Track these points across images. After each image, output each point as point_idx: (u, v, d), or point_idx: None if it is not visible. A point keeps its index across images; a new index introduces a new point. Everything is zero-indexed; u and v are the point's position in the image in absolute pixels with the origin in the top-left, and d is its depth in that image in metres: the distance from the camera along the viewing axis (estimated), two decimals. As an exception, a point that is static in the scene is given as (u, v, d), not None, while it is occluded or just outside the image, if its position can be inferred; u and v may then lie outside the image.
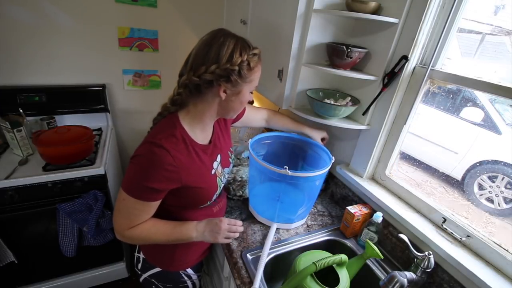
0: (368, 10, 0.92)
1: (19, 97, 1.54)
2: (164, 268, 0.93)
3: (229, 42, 0.69)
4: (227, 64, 0.68)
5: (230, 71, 0.68)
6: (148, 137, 0.73)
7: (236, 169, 1.25)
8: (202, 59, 0.69)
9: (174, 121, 0.75)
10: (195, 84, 0.70)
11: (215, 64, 0.68)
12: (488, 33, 1.01)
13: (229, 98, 0.74)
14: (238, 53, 0.69)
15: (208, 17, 1.89)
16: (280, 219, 1.06)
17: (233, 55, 0.68)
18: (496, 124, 1.39)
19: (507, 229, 0.85)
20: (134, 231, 0.75)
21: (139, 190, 0.70)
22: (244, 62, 0.69)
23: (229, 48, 0.68)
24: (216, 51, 0.68)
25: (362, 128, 1.08)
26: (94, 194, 1.38)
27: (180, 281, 0.97)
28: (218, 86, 0.71)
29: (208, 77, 0.68)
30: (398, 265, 0.98)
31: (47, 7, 1.50)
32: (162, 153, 0.68)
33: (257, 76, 0.77)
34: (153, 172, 0.68)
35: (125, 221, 0.74)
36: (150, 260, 0.93)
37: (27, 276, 1.51)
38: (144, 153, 0.69)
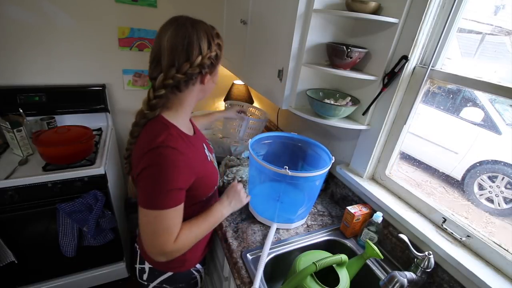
0: (368, 10, 0.92)
1: (19, 97, 1.54)
2: (176, 270, 0.91)
3: (202, 30, 0.70)
4: (208, 51, 0.69)
5: (211, 58, 0.70)
6: (145, 146, 0.68)
7: (236, 169, 1.25)
8: (184, 54, 0.67)
9: (162, 122, 0.72)
10: (180, 81, 0.69)
11: (199, 56, 0.68)
12: (488, 33, 1.01)
13: (209, 82, 0.76)
14: (211, 38, 0.71)
15: (208, 17, 1.86)
16: (280, 219, 1.06)
17: (210, 42, 0.70)
18: (496, 124, 1.39)
19: (507, 229, 0.85)
20: (178, 243, 0.71)
21: (167, 198, 0.66)
22: (218, 45, 0.73)
23: (205, 36, 0.69)
24: (196, 42, 0.67)
25: (362, 128, 1.08)
26: (94, 194, 1.38)
27: (191, 277, 0.96)
28: (202, 76, 0.72)
29: (196, 71, 0.68)
30: (398, 265, 0.98)
31: (47, 7, 1.50)
32: (173, 152, 0.67)
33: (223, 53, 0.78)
34: (173, 173, 0.66)
35: (168, 237, 0.69)
36: (160, 268, 0.90)
37: (27, 276, 1.51)
38: (153, 161, 0.66)
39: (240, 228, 1.05)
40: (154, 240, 0.68)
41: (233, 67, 1.71)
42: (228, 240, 0.99)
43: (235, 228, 1.05)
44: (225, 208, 0.86)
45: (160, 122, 0.72)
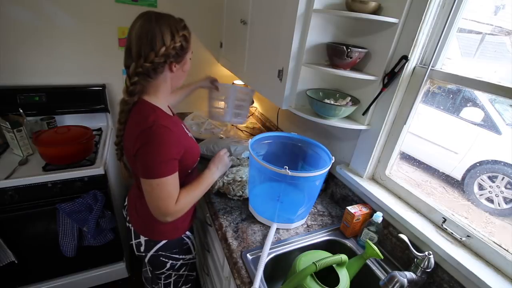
0: (368, 10, 0.92)
1: (19, 97, 1.54)
2: (170, 238, 1.00)
3: (166, 23, 0.77)
4: (172, 42, 0.77)
5: (175, 49, 0.78)
6: (137, 128, 0.77)
7: (236, 169, 1.25)
8: (149, 45, 0.75)
9: (149, 105, 0.82)
10: (148, 69, 0.77)
11: (164, 47, 0.76)
12: (488, 33, 1.01)
13: (178, 69, 0.84)
14: (175, 30, 0.78)
15: (208, 17, 1.89)
16: (280, 219, 1.06)
17: (174, 34, 0.77)
18: (496, 124, 1.38)
19: (507, 229, 0.85)
20: (178, 204, 0.83)
21: (165, 168, 0.77)
22: (184, 36, 0.80)
23: (167, 29, 0.76)
24: (159, 35, 0.75)
25: (362, 128, 1.08)
26: (94, 194, 1.38)
27: (183, 243, 1.05)
28: (169, 64, 0.80)
29: (161, 60, 0.77)
30: (398, 265, 0.98)
31: (47, 7, 1.50)
32: (165, 130, 0.76)
33: (191, 43, 0.86)
34: (167, 146, 0.77)
35: (170, 201, 0.80)
36: (155, 237, 0.99)
37: (27, 276, 1.51)
38: (149, 139, 0.75)
39: (240, 228, 1.05)
40: (159, 204, 0.80)
41: (233, 67, 1.71)
42: (228, 240, 0.99)
43: (235, 228, 1.05)
44: (214, 173, 0.99)
45: (147, 106, 0.82)
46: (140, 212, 0.99)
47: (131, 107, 0.83)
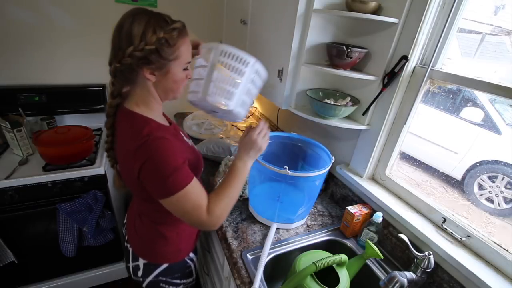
0: (368, 10, 0.92)
1: (19, 97, 1.54)
2: (172, 261, 0.92)
3: (141, 20, 0.65)
4: (142, 44, 0.64)
5: (147, 52, 0.65)
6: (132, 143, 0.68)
7: (236, 169, 1.24)
8: (118, 42, 0.67)
9: (141, 118, 0.73)
10: (120, 71, 0.68)
11: (131, 46, 0.65)
12: (488, 33, 1.01)
13: (160, 79, 0.72)
14: (151, 31, 0.65)
15: (208, 17, 1.89)
16: (280, 219, 1.06)
17: (146, 33, 0.65)
18: (496, 124, 1.39)
19: (507, 229, 0.85)
20: (212, 213, 0.72)
21: (178, 177, 0.67)
22: (160, 39, 0.65)
23: (140, 27, 0.65)
24: (127, 31, 0.65)
25: (362, 128, 1.08)
26: (94, 194, 1.38)
27: (186, 266, 0.96)
28: (141, 69, 0.68)
29: (128, 61, 0.66)
30: (398, 265, 0.98)
31: (47, 7, 1.50)
32: (161, 140, 0.68)
33: (185, 51, 0.72)
34: (169, 155, 0.67)
35: (199, 211, 0.71)
36: (155, 261, 0.91)
37: (27, 276, 1.51)
38: (147, 155, 0.66)
39: (240, 228, 1.05)
40: (190, 219, 0.72)
41: (233, 67, 1.71)
42: (228, 240, 0.99)
43: (235, 228, 1.05)
44: (247, 163, 0.82)
45: (139, 119, 0.73)
46: (139, 231, 0.90)
47: (115, 111, 0.76)
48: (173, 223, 0.88)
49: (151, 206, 0.83)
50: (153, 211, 0.85)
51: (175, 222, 0.88)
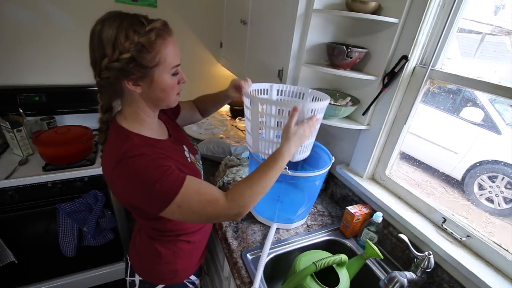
0: (368, 10, 0.92)
1: (19, 97, 1.54)
2: (169, 282, 0.87)
3: (110, 26, 0.57)
4: (116, 53, 0.57)
5: (123, 62, 0.57)
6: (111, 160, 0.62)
7: (236, 169, 1.25)
8: (93, 55, 0.61)
9: (125, 133, 0.66)
10: (101, 85, 0.63)
11: (105, 58, 0.58)
12: (488, 33, 1.01)
13: (146, 89, 0.64)
14: (123, 36, 0.57)
15: (208, 17, 1.89)
16: (280, 219, 1.06)
17: (117, 40, 0.57)
18: (496, 124, 1.39)
19: (507, 229, 0.85)
20: (233, 194, 0.65)
21: (169, 184, 0.59)
22: (136, 44, 0.57)
23: (110, 33, 0.57)
24: (99, 41, 0.58)
25: (362, 128, 1.08)
26: (94, 194, 1.38)
27: None
28: (122, 82, 0.61)
29: (106, 75, 0.59)
30: (398, 265, 0.98)
31: (47, 7, 1.50)
32: (140, 157, 0.60)
33: (168, 53, 0.62)
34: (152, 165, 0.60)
35: (212, 204, 0.63)
36: (151, 280, 0.86)
37: (27, 276, 1.51)
38: (126, 176, 0.59)
39: (240, 228, 1.05)
40: (204, 215, 0.64)
41: (233, 67, 1.72)
42: (228, 240, 0.99)
43: (235, 228, 1.05)
44: (290, 151, 0.72)
45: (122, 133, 0.66)
46: (138, 247, 0.86)
47: (107, 126, 0.70)
48: (170, 242, 0.83)
49: (146, 222, 0.79)
50: (149, 228, 0.81)
51: (172, 240, 0.83)
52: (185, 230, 0.83)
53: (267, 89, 0.94)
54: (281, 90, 0.95)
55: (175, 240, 0.83)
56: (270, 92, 0.95)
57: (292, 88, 0.94)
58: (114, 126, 0.68)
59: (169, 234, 0.81)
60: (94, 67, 0.62)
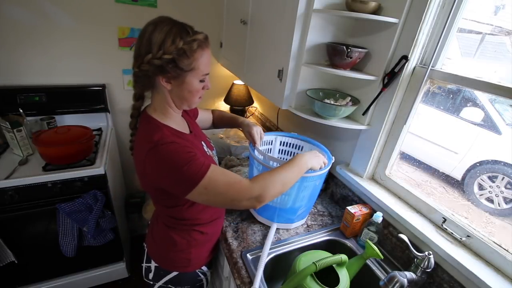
0: (368, 10, 0.92)
1: (19, 97, 1.54)
2: (182, 270, 0.92)
3: (162, 29, 0.66)
4: (160, 52, 0.66)
5: (164, 61, 0.66)
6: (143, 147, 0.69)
7: (236, 169, 1.25)
8: (139, 49, 0.69)
9: (155, 124, 0.74)
10: (138, 76, 0.71)
11: (149, 54, 0.66)
12: (488, 33, 1.01)
13: (175, 88, 0.73)
14: (171, 40, 0.66)
15: (208, 17, 1.89)
16: (280, 219, 1.06)
17: (164, 42, 0.66)
18: (496, 124, 1.38)
19: (507, 229, 0.85)
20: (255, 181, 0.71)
21: (195, 165, 0.66)
22: (179, 49, 0.66)
23: (160, 35, 0.66)
24: (148, 39, 0.66)
25: (362, 128, 1.08)
26: (94, 194, 1.38)
27: (197, 280, 0.96)
28: (157, 77, 0.70)
29: (145, 68, 0.67)
30: (398, 265, 0.98)
31: (47, 7, 1.50)
32: (171, 144, 0.68)
33: (202, 63, 0.72)
34: (182, 150, 0.68)
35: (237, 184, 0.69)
36: (166, 266, 0.91)
37: (27, 276, 1.51)
38: (157, 159, 0.67)
39: (240, 228, 1.05)
40: (229, 196, 0.69)
41: (233, 67, 1.71)
42: (228, 240, 0.99)
43: (235, 228, 1.05)
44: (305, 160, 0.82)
45: (153, 124, 0.74)
46: (155, 235, 0.92)
47: (139, 114, 0.79)
48: (184, 231, 0.88)
49: (164, 210, 0.85)
50: (166, 215, 0.87)
51: (186, 230, 0.88)
52: (199, 221, 0.88)
53: (272, 140, 1.18)
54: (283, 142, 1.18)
55: (189, 230, 0.88)
56: (275, 142, 1.18)
57: (293, 140, 1.17)
58: (146, 116, 0.77)
59: (184, 223, 0.86)
60: (136, 59, 0.70)
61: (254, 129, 1.02)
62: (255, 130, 1.02)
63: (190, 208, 0.83)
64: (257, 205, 0.71)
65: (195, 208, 0.84)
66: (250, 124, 1.04)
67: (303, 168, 0.81)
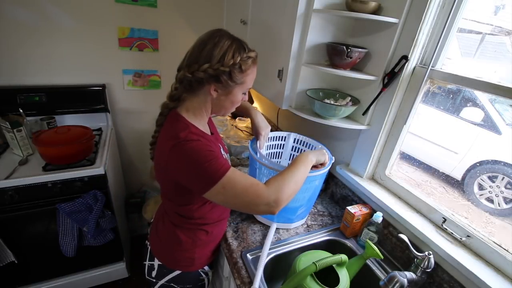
0: (368, 10, 0.92)
1: (19, 97, 1.54)
2: (185, 269, 0.92)
3: (224, 43, 0.71)
4: (218, 64, 0.70)
5: (220, 72, 0.70)
6: (168, 142, 0.71)
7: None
8: (196, 57, 0.71)
9: (184, 122, 0.76)
10: (188, 80, 0.73)
11: (208, 63, 0.70)
12: (488, 33, 1.01)
13: (220, 97, 0.77)
14: (231, 54, 0.70)
15: (208, 17, 1.89)
16: (280, 219, 1.06)
17: (225, 56, 0.70)
18: (496, 124, 1.38)
19: (507, 229, 0.85)
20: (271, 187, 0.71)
21: (217, 166, 0.68)
22: (236, 64, 0.71)
23: (222, 49, 0.70)
24: (209, 50, 0.70)
25: (362, 128, 1.08)
26: (94, 194, 1.38)
27: (199, 279, 0.97)
28: (208, 85, 0.73)
29: (200, 75, 0.71)
30: (398, 265, 0.98)
31: (47, 7, 1.50)
32: (197, 142, 0.70)
33: (250, 78, 0.78)
34: (206, 148, 0.70)
35: (254, 187, 0.69)
36: (169, 265, 0.92)
37: (27, 276, 1.51)
38: (182, 154, 0.69)
39: (240, 228, 1.05)
40: (246, 198, 0.69)
41: (233, 67, 1.71)
42: (228, 240, 0.99)
43: (235, 228, 1.05)
44: (308, 156, 0.84)
45: (182, 122, 0.76)
46: (160, 233, 0.92)
47: (168, 112, 0.81)
48: (190, 230, 0.89)
49: (174, 207, 0.86)
50: (174, 213, 0.87)
51: (192, 229, 0.89)
52: (206, 220, 0.89)
53: (285, 136, 1.21)
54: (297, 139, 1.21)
55: (195, 229, 0.89)
56: (288, 138, 1.21)
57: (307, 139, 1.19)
58: (175, 114, 0.78)
59: (191, 222, 0.87)
60: (190, 66, 0.72)
61: (263, 132, 1.04)
62: (264, 133, 1.05)
63: (200, 207, 0.84)
64: (276, 210, 0.71)
65: (205, 208, 0.85)
66: (261, 124, 1.05)
67: (308, 165, 0.83)
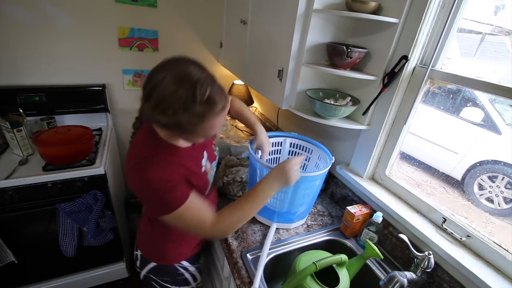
0: (368, 10, 0.92)
1: (19, 97, 1.54)
2: (158, 262, 0.95)
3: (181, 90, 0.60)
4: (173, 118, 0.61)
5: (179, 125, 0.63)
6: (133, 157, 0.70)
7: (236, 169, 1.25)
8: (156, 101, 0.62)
9: (154, 135, 0.73)
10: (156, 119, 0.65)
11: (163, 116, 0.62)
12: (488, 33, 1.01)
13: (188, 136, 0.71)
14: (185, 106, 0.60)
15: (208, 17, 1.89)
16: (280, 219, 1.06)
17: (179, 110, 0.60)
18: (496, 124, 1.39)
19: (507, 229, 0.85)
20: (218, 226, 0.73)
21: (173, 196, 0.68)
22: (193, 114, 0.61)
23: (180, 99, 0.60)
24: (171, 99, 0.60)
25: (362, 128, 1.08)
26: (94, 194, 1.38)
27: (176, 273, 0.98)
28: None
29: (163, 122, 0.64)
30: (398, 265, 0.98)
31: (47, 7, 1.50)
32: (158, 164, 0.68)
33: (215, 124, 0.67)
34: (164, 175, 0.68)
35: (201, 225, 0.73)
36: (146, 256, 0.95)
37: (27, 276, 1.51)
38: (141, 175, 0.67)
39: (240, 228, 1.05)
40: (195, 232, 0.76)
41: (233, 67, 1.71)
42: (228, 240, 0.99)
43: (235, 228, 1.05)
44: (271, 188, 0.80)
45: (152, 135, 0.73)
46: (141, 226, 0.97)
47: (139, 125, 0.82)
48: (163, 226, 0.81)
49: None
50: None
51: (164, 225, 0.83)
52: None
53: (281, 142, 1.20)
54: (293, 143, 1.20)
55: (166, 225, 0.85)
56: (284, 144, 1.20)
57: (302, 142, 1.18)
58: (147, 126, 0.76)
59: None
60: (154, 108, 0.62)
61: (267, 148, 1.04)
62: (267, 149, 1.05)
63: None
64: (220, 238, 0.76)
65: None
66: (264, 140, 1.04)
67: (270, 193, 0.80)
